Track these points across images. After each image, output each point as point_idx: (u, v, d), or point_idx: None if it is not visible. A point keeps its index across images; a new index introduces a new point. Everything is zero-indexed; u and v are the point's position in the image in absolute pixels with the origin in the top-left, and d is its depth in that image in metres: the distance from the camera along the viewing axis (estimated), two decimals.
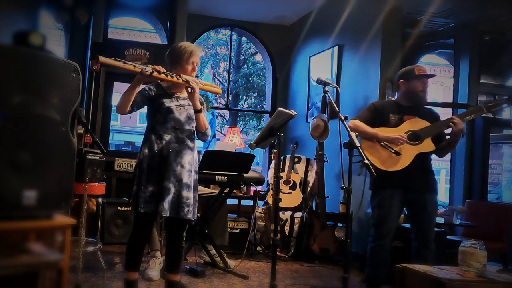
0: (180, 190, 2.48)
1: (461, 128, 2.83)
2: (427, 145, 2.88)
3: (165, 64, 2.64)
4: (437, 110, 3.16)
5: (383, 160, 2.86)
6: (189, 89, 2.51)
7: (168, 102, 2.54)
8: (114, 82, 5.27)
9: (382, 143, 2.88)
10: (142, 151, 2.51)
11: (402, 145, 2.85)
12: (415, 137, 2.88)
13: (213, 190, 3.96)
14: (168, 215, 2.45)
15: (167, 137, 2.50)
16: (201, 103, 2.64)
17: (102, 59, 2.20)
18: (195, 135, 2.65)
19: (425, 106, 3.08)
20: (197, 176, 2.64)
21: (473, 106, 2.88)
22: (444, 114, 3.36)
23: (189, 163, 2.55)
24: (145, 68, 2.33)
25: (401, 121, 2.94)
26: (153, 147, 2.49)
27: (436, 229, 3.75)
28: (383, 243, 2.89)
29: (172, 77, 2.46)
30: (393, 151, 2.84)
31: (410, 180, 2.87)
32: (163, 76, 2.41)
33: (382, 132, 2.91)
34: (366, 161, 2.46)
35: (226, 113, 15.13)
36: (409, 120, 2.93)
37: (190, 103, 2.59)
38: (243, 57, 14.66)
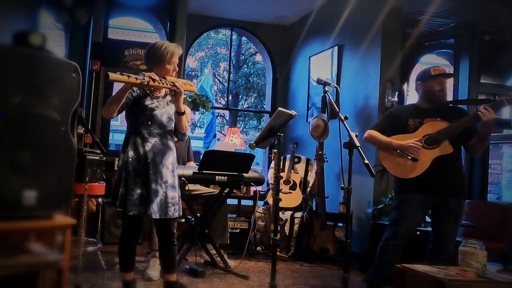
0: (167, 191, 2.51)
1: (491, 119, 2.62)
2: (445, 147, 2.76)
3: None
4: None
5: (401, 168, 2.81)
6: (173, 92, 2.52)
7: (150, 104, 2.54)
8: (114, 82, 5.25)
9: (398, 151, 2.82)
10: (127, 153, 2.49)
11: (418, 151, 2.77)
12: (432, 141, 2.78)
13: (213, 190, 3.96)
14: (157, 217, 2.46)
15: (152, 139, 2.51)
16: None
17: (112, 76, 2.28)
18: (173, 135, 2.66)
19: (450, 105, 2.97)
20: (176, 173, 2.66)
21: (494, 100, 2.74)
22: None
23: (171, 164, 2.57)
24: (143, 79, 2.35)
25: (421, 124, 2.84)
26: (139, 149, 2.49)
27: None
28: (393, 243, 2.81)
29: (164, 83, 2.46)
30: (410, 157, 2.77)
31: (433, 184, 2.77)
32: (156, 83, 2.41)
33: (397, 139, 2.84)
34: (366, 161, 2.46)
35: (226, 113, 15.12)
36: (428, 123, 2.83)
37: (168, 103, 2.60)
38: (243, 57, 14.65)
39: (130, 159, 2.48)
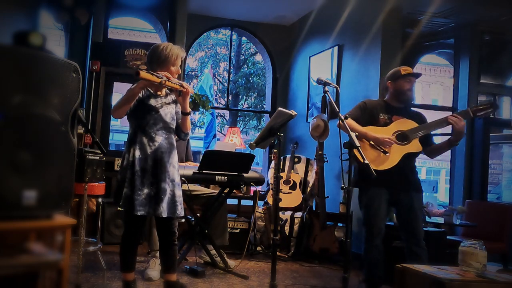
0: (174, 189, 2.52)
1: (463, 125, 2.83)
2: (415, 145, 2.92)
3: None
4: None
5: (371, 159, 2.86)
6: (179, 92, 2.53)
7: (154, 103, 2.55)
8: (114, 82, 5.27)
9: (370, 142, 2.91)
10: (133, 153, 2.48)
11: (391, 146, 2.89)
12: (403, 138, 2.92)
13: (213, 190, 3.96)
14: (166, 215, 2.46)
15: (159, 138, 2.51)
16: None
17: (143, 74, 2.28)
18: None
19: (412, 108, 3.13)
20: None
21: (459, 110, 2.90)
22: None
23: (176, 162, 2.60)
24: (162, 78, 2.38)
25: (390, 121, 2.98)
26: (146, 149, 2.49)
27: (436, 229, 3.78)
28: (376, 243, 2.91)
29: (175, 83, 2.48)
30: (382, 150, 2.87)
31: (395, 179, 2.90)
32: (170, 83, 2.44)
33: (371, 131, 2.94)
34: (366, 161, 2.46)
35: (226, 113, 15.12)
36: (397, 120, 2.97)
37: (170, 102, 2.61)
38: (243, 57, 14.65)
39: (137, 159, 2.47)
